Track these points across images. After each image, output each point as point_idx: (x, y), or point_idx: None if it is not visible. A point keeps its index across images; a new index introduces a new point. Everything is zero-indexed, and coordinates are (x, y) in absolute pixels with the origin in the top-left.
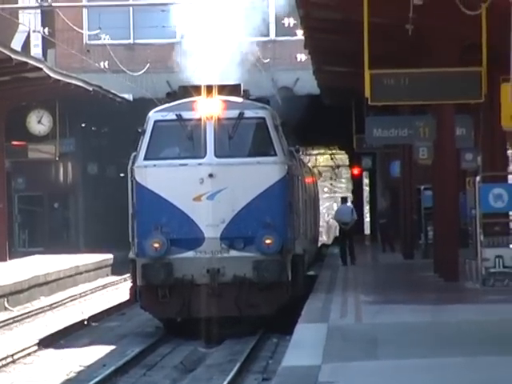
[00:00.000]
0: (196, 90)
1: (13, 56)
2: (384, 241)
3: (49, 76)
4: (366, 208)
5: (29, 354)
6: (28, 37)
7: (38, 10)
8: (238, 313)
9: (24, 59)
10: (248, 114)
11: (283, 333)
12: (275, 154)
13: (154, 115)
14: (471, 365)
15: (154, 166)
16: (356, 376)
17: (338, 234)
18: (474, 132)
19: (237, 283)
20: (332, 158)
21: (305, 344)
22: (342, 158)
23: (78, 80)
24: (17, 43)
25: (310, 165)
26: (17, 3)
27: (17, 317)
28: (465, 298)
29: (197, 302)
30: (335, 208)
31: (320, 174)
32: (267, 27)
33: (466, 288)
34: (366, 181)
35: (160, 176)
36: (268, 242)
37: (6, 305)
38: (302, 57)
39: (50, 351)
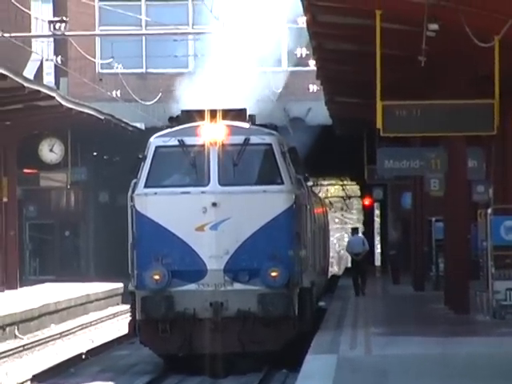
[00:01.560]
0: (199, 114)
1: (25, 84)
2: (393, 272)
3: (61, 104)
4: (377, 239)
5: (43, 380)
6: (41, 65)
7: (51, 39)
8: (241, 349)
9: (36, 87)
10: (254, 139)
11: (291, 369)
12: (282, 183)
13: (155, 141)
14: None
15: (155, 193)
16: None
17: (349, 265)
18: (486, 164)
19: (241, 318)
20: (343, 189)
21: (314, 375)
22: (353, 188)
23: (90, 109)
24: (29, 71)
25: (321, 195)
26: (30, 31)
27: (27, 345)
28: (475, 331)
29: (199, 337)
30: (346, 239)
31: (331, 204)
32: (279, 56)
33: (477, 320)
34: (377, 212)
35: (161, 204)
36: (274, 274)
37: (17, 333)
38: (314, 87)
39: (58, 381)
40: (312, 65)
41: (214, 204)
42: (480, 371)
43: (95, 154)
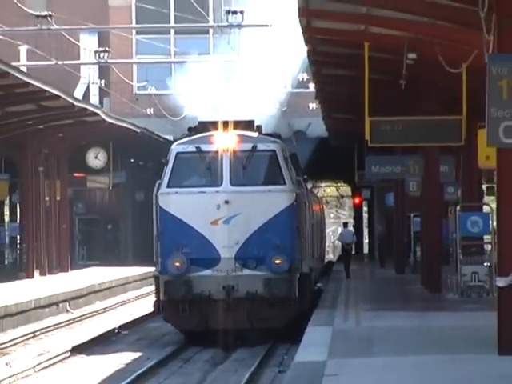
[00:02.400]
0: (214, 125)
1: (75, 103)
2: (380, 258)
3: (104, 120)
4: (365, 232)
5: (86, 348)
6: (88, 87)
7: (96, 66)
8: (250, 325)
9: (84, 106)
10: (260, 147)
11: (292, 342)
12: (284, 183)
13: (176, 147)
14: (451, 362)
15: (176, 193)
16: (356, 370)
17: (341, 253)
18: (455, 169)
19: (249, 299)
20: (337, 190)
21: (313, 344)
22: (346, 189)
23: (129, 123)
24: (78, 93)
25: (318, 195)
26: (79, 60)
27: (76, 318)
28: (446, 307)
29: (213, 315)
30: (339, 231)
31: (327, 202)
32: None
33: (447, 298)
34: (365, 209)
35: (181, 202)
36: (277, 262)
37: (68, 308)
38: (314, 105)
39: (103, 347)
40: (312, 87)
41: (227, 201)
42: (450, 340)
43: (132, 160)
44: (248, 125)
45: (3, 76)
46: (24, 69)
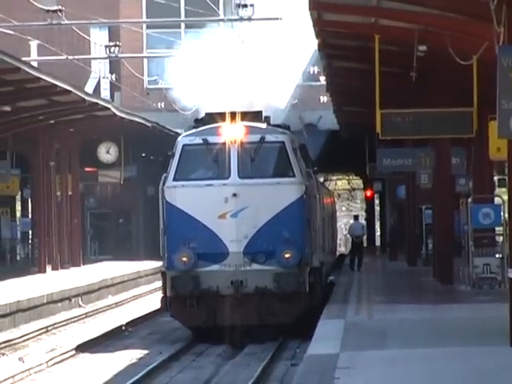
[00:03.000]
0: (221, 116)
1: (86, 98)
2: (392, 251)
3: (115, 114)
4: (377, 224)
5: (98, 343)
6: (98, 82)
7: (107, 60)
8: (259, 321)
9: (95, 100)
10: (269, 138)
11: (303, 339)
12: (294, 175)
13: (182, 139)
14: (463, 354)
15: (183, 186)
16: (368, 362)
17: (351, 246)
18: (467, 161)
19: (258, 294)
20: (349, 183)
21: (326, 336)
22: (357, 182)
23: (140, 118)
24: (89, 87)
25: (330, 188)
26: (89, 54)
27: (89, 312)
28: (458, 299)
29: (222, 311)
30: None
31: (339, 195)
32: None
33: (459, 290)
34: (376, 201)
35: (188, 195)
36: (287, 256)
37: (80, 302)
38: (325, 98)
39: (115, 341)
40: (322, 80)
41: (235, 194)
42: (462, 331)
43: (144, 155)
44: (256, 116)
45: (14, 71)
46: (35, 64)
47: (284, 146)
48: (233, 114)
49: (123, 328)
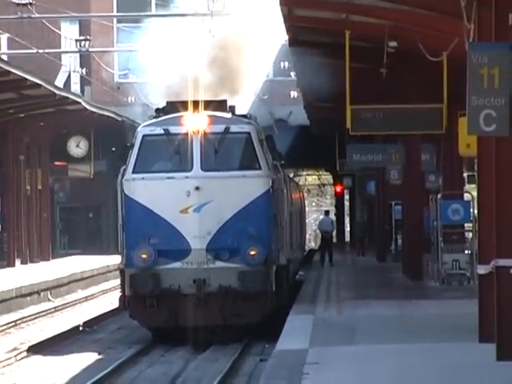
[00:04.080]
0: (183, 105)
1: (56, 92)
2: (359, 247)
3: (86, 108)
4: (347, 220)
5: (71, 336)
6: (69, 76)
7: (77, 54)
8: (223, 322)
9: (65, 94)
10: (234, 128)
11: (269, 340)
12: (260, 168)
13: (142, 129)
14: (433, 349)
15: (142, 179)
16: (337, 358)
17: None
18: (436, 158)
19: (222, 293)
20: (319, 178)
21: (295, 332)
22: (327, 178)
23: (110, 112)
24: (59, 81)
25: (300, 183)
26: (60, 48)
27: (58, 307)
28: (428, 295)
29: (183, 311)
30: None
31: (309, 191)
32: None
33: (429, 286)
34: (346, 197)
35: (148, 189)
36: (252, 253)
37: (50, 297)
38: (295, 94)
39: (87, 336)
40: (293, 75)
41: (197, 188)
42: (431, 327)
43: (114, 149)
44: (220, 105)
45: None
46: (5, 57)
47: (250, 136)
48: (196, 103)
49: (81, 329)
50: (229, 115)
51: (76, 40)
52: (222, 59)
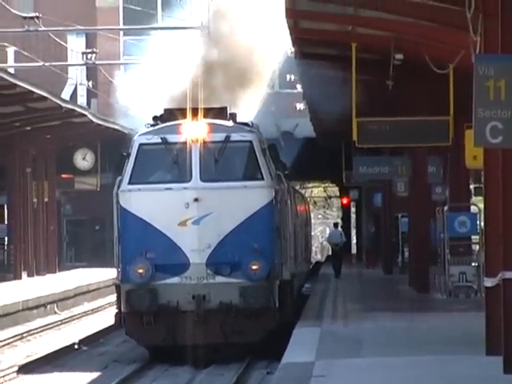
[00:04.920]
0: (182, 112)
1: (62, 104)
2: (368, 259)
3: (92, 121)
4: (353, 232)
5: (72, 351)
6: (75, 89)
7: (84, 67)
8: (223, 340)
9: (72, 107)
10: (235, 137)
11: (273, 359)
12: (262, 178)
13: (138, 138)
14: (439, 362)
15: (139, 190)
16: (343, 371)
17: (330, 254)
18: (443, 170)
19: (223, 310)
20: (325, 190)
21: (301, 344)
22: (334, 190)
23: (116, 124)
24: (66, 94)
25: (306, 195)
26: (66, 61)
27: (64, 319)
28: (434, 307)
29: (182, 328)
30: (327, 231)
31: (315, 203)
32: (272, 81)
33: (435, 299)
34: (353, 209)
35: (144, 200)
36: (255, 267)
37: (56, 309)
38: (301, 106)
39: (91, 349)
40: (299, 87)
41: (196, 199)
42: (437, 340)
43: None
44: (220, 112)
45: None
46: (11, 70)
47: (251, 145)
48: (195, 111)
49: (76, 347)
50: (229, 123)
51: (82, 53)
52: (225, 65)
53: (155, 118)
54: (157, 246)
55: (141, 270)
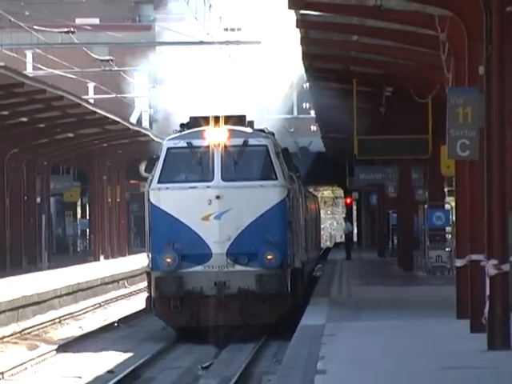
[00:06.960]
0: (205, 120)
1: (130, 127)
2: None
3: (153, 139)
4: (354, 225)
5: (136, 317)
6: (140, 114)
7: (147, 97)
8: (242, 322)
9: (137, 129)
10: (252, 141)
11: (285, 339)
12: (276, 178)
13: (167, 143)
14: (421, 324)
15: (167, 188)
16: (348, 331)
17: (338, 241)
18: (423, 176)
19: (241, 295)
20: (333, 192)
21: (315, 310)
22: (339, 192)
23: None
24: (133, 118)
25: (319, 196)
26: (133, 93)
27: (132, 292)
28: (417, 282)
29: (205, 311)
30: (335, 225)
31: (325, 202)
32: (292, 108)
33: (418, 276)
34: (354, 207)
35: (172, 197)
36: (269, 257)
37: (126, 284)
38: (314, 127)
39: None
40: (312, 113)
41: (218, 197)
42: (420, 307)
43: None
44: (240, 120)
45: (76, 106)
46: (92, 101)
47: (267, 149)
48: (217, 118)
49: (116, 325)
50: (247, 129)
51: (146, 87)
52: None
53: (182, 125)
54: (183, 238)
55: (169, 260)
